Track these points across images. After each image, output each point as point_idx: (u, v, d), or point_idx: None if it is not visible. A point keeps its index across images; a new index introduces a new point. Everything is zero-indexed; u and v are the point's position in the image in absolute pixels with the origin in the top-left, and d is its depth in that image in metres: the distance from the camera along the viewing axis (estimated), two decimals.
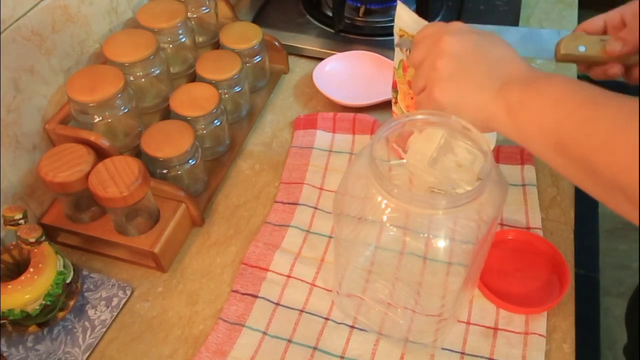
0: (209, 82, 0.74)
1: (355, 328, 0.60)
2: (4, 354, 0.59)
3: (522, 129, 0.46)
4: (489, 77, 0.49)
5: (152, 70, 0.72)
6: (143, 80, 0.72)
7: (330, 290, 0.63)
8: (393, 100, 0.67)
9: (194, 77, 0.78)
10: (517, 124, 0.46)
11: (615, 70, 0.59)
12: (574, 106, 0.42)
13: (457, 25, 0.53)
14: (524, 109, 0.45)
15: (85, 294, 0.63)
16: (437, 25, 0.55)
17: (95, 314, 0.62)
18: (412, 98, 0.62)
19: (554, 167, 0.45)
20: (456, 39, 0.51)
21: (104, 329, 0.61)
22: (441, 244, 0.51)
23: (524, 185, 0.71)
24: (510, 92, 0.47)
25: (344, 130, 0.80)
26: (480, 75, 0.49)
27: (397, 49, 0.64)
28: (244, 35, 0.81)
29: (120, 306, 0.62)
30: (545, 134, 0.44)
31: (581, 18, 0.79)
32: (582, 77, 0.61)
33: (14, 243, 0.60)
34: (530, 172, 0.72)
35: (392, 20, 0.63)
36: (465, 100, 0.50)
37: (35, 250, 0.58)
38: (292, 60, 0.90)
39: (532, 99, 0.45)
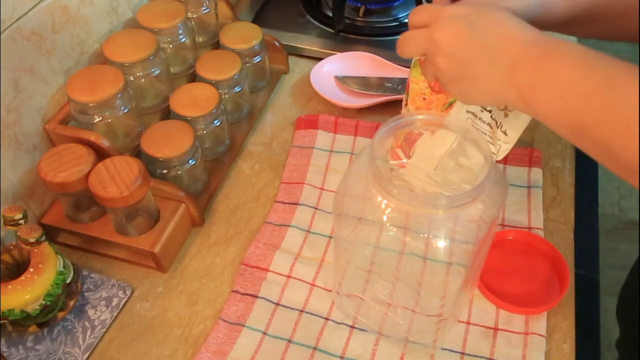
0: (209, 82, 0.74)
1: (355, 328, 0.60)
2: (4, 354, 0.59)
3: (537, 110, 0.45)
4: (492, 64, 0.47)
5: (152, 70, 0.72)
6: (143, 80, 0.72)
7: (330, 291, 0.63)
8: (403, 103, 0.67)
9: (194, 77, 0.78)
10: (530, 106, 0.45)
11: None
12: (588, 91, 0.41)
13: (445, 12, 0.49)
14: (536, 93, 0.44)
15: (85, 294, 0.63)
16: (426, 11, 0.51)
17: (95, 314, 0.62)
18: (423, 99, 0.62)
19: (577, 146, 0.44)
20: (447, 32, 0.48)
21: (104, 329, 0.61)
22: (441, 244, 0.51)
23: (529, 187, 0.71)
24: (518, 77, 0.45)
25: (346, 131, 0.80)
26: (482, 64, 0.47)
27: None
28: (244, 35, 0.81)
29: (120, 306, 0.62)
30: (560, 118, 0.43)
31: None
32: None
33: (14, 243, 0.60)
34: (537, 174, 0.72)
35: (392, 21, 0.63)
36: (477, 91, 0.49)
37: (35, 250, 0.58)
38: (292, 60, 0.90)
39: (542, 85, 0.43)
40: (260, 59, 0.82)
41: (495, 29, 0.47)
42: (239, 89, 0.78)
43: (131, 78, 0.71)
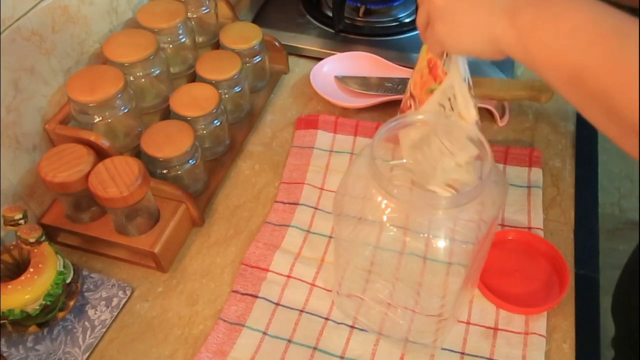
0: (209, 82, 0.74)
1: (355, 328, 0.60)
2: (4, 354, 0.59)
3: (533, 54, 0.42)
4: (490, 8, 0.44)
5: (152, 70, 0.72)
6: (143, 80, 0.72)
7: (330, 290, 0.63)
8: (406, 105, 0.65)
9: (194, 77, 0.78)
10: (527, 49, 0.42)
11: None
12: (596, 35, 0.38)
13: None
14: (537, 33, 0.41)
15: (85, 294, 0.63)
16: None
17: (95, 314, 0.62)
18: (421, 77, 0.60)
19: (565, 97, 0.41)
20: None
21: (104, 329, 0.61)
22: (441, 244, 0.51)
23: (529, 187, 0.71)
24: (522, 12, 0.42)
25: (346, 131, 0.80)
26: (479, 6, 0.45)
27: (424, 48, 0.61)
28: (244, 35, 0.81)
29: (120, 306, 0.62)
30: (559, 63, 0.40)
31: None
32: None
33: (14, 243, 0.60)
34: (537, 174, 0.72)
35: (393, 21, 0.63)
36: (469, 29, 0.46)
37: (35, 250, 0.58)
38: (292, 60, 0.90)
39: (546, 22, 0.40)
40: (260, 59, 0.82)
41: None
42: (239, 89, 0.78)
43: (131, 78, 0.71)
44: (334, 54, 0.89)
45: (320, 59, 0.88)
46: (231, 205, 0.73)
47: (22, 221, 0.57)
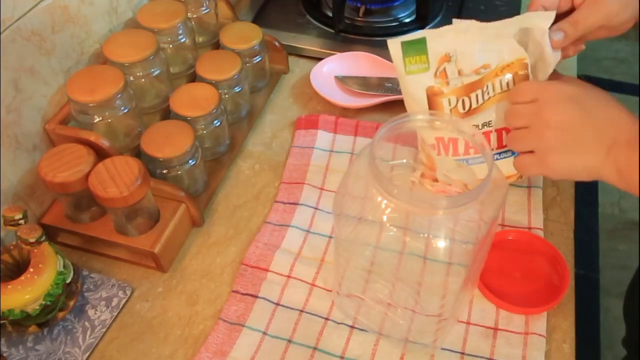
0: (209, 82, 0.74)
1: (355, 328, 0.60)
2: (4, 354, 0.59)
3: (631, 185, 0.51)
4: (597, 141, 0.53)
5: (152, 70, 0.72)
6: (143, 80, 0.72)
7: (330, 290, 0.63)
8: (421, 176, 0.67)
9: (194, 77, 0.78)
10: (626, 182, 0.51)
11: (569, 53, 0.62)
12: None
13: (554, 89, 0.55)
14: (632, 170, 0.50)
15: (85, 294, 0.63)
16: (535, 87, 0.57)
17: (95, 314, 0.62)
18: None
19: None
20: (560, 109, 0.54)
21: (104, 329, 0.61)
22: (441, 244, 0.51)
23: (529, 187, 0.71)
24: (619, 156, 0.51)
25: (346, 131, 0.80)
26: (588, 141, 0.53)
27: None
28: (244, 35, 0.81)
29: (120, 306, 0.62)
30: None
31: None
32: (581, 76, 0.61)
33: (14, 243, 0.60)
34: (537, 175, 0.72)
35: (393, 21, 0.63)
36: (578, 166, 0.54)
37: (35, 250, 0.58)
38: (292, 60, 0.90)
39: (637, 162, 0.50)
40: (260, 59, 0.82)
41: (601, 112, 0.54)
42: (239, 89, 0.78)
43: (131, 78, 0.71)
44: (334, 54, 0.89)
45: (320, 59, 0.88)
46: (231, 205, 0.73)
47: (22, 221, 0.57)
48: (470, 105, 0.61)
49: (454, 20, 0.60)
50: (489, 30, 0.59)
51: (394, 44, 0.60)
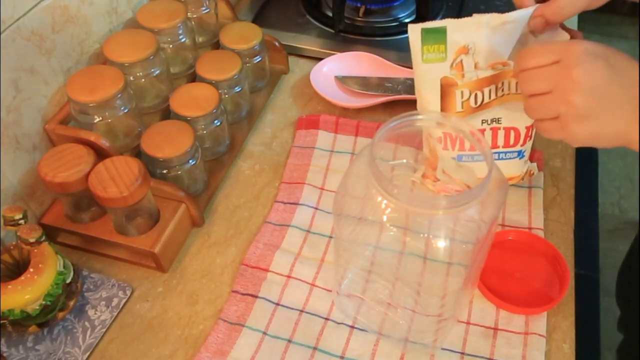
0: (209, 82, 0.74)
1: (355, 328, 0.60)
2: (4, 354, 0.59)
3: None
4: (628, 103, 0.48)
5: (152, 70, 0.72)
6: (143, 80, 0.72)
7: (330, 290, 0.63)
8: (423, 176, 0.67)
9: (194, 77, 0.78)
10: None
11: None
12: None
13: (579, 47, 0.49)
14: None
15: (85, 294, 0.63)
16: (555, 47, 0.51)
17: (95, 314, 0.62)
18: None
19: None
20: (589, 70, 0.48)
21: (104, 329, 0.61)
22: (441, 244, 0.51)
23: (529, 187, 0.71)
24: None
25: (347, 131, 0.80)
26: (617, 104, 0.48)
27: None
28: (244, 35, 0.81)
29: (120, 306, 0.62)
30: None
31: (581, 18, 0.79)
32: None
33: (14, 243, 0.60)
34: (537, 174, 0.72)
35: (393, 21, 0.63)
36: (605, 132, 0.49)
37: (35, 250, 0.58)
38: (292, 60, 0.90)
39: None
40: (260, 59, 0.82)
41: (630, 73, 0.48)
42: (239, 89, 0.78)
43: (131, 78, 0.71)
44: (334, 54, 0.89)
45: (320, 59, 0.88)
46: (231, 205, 0.73)
47: (22, 221, 0.57)
48: (483, 100, 0.61)
49: (474, 15, 0.59)
50: (509, 25, 0.57)
51: (414, 30, 0.59)
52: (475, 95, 0.60)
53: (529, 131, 0.64)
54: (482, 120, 0.62)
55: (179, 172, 0.68)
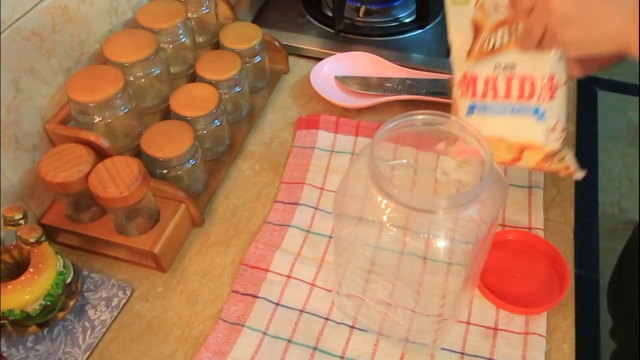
0: (209, 82, 0.74)
1: (355, 328, 0.60)
2: (4, 354, 0.59)
3: None
4: (618, 5, 0.46)
5: (152, 70, 0.72)
6: (143, 80, 0.72)
7: (330, 290, 0.63)
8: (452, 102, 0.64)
9: (194, 77, 0.78)
10: None
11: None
12: None
13: None
14: None
15: (85, 294, 0.63)
16: None
17: (95, 314, 0.62)
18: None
19: None
20: None
21: (104, 329, 0.61)
22: (441, 244, 0.51)
23: (530, 187, 0.71)
24: None
25: (347, 131, 0.80)
26: (609, 3, 0.46)
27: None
28: (244, 35, 0.81)
29: (120, 306, 0.62)
30: None
31: None
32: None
33: (14, 243, 0.60)
34: (537, 174, 0.72)
35: (393, 21, 0.63)
36: (594, 35, 0.48)
37: (35, 250, 0.58)
38: (292, 60, 0.90)
39: None
40: (260, 59, 0.82)
41: None
42: (239, 89, 0.78)
43: (131, 78, 0.71)
44: (334, 54, 0.89)
45: (320, 59, 0.88)
46: (231, 205, 0.73)
47: (22, 221, 0.57)
48: (495, 44, 0.58)
49: None
50: None
51: None
52: (490, 38, 0.58)
53: (546, 83, 0.59)
54: (495, 65, 0.59)
55: (179, 172, 0.68)
